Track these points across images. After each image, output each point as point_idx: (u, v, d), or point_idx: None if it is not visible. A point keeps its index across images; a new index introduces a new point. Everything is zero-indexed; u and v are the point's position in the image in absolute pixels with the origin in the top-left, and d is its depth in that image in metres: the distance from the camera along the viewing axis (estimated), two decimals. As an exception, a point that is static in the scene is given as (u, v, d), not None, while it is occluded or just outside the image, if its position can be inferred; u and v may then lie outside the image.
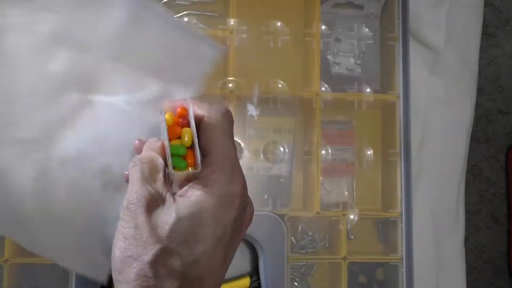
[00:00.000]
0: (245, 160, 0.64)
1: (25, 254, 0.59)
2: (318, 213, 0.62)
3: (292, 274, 0.63)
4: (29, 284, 0.57)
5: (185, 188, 0.35)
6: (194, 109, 0.36)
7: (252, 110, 0.64)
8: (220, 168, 0.35)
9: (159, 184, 0.35)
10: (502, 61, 1.50)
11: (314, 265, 0.65)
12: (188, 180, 0.36)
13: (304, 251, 0.65)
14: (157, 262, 0.32)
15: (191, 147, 0.36)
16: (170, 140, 0.35)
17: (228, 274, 0.45)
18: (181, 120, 0.36)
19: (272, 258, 0.60)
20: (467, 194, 0.74)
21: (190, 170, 0.35)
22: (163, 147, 0.38)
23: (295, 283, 0.64)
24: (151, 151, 0.37)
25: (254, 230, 0.59)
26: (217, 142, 0.36)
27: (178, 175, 0.35)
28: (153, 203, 0.34)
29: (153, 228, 0.33)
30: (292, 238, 0.63)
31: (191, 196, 0.34)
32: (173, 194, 0.35)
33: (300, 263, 0.64)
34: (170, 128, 0.35)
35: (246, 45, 0.63)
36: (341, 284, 0.62)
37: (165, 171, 0.37)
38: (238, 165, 0.37)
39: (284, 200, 0.65)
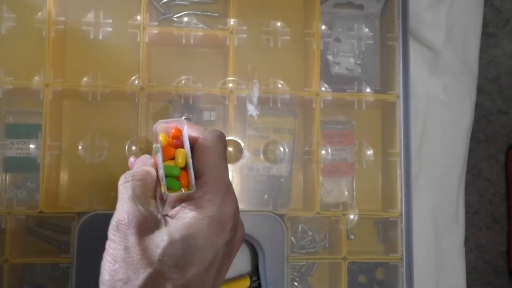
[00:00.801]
0: (245, 160, 0.64)
1: (25, 254, 0.59)
2: (318, 213, 0.62)
3: (292, 274, 0.63)
4: (29, 284, 0.57)
5: (177, 208, 0.34)
6: (188, 131, 0.36)
7: (252, 110, 0.64)
8: (214, 190, 0.35)
9: (151, 204, 0.34)
10: (502, 61, 1.50)
11: (314, 265, 0.65)
12: (180, 200, 0.35)
13: (304, 251, 0.65)
14: (148, 286, 0.31)
15: (185, 168, 0.35)
16: (164, 161, 0.34)
17: (228, 274, 0.45)
18: (175, 141, 0.35)
19: (272, 258, 0.60)
20: (467, 194, 0.74)
21: (184, 191, 0.34)
22: (156, 165, 0.37)
23: (295, 283, 0.64)
24: (143, 166, 0.36)
25: (254, 230, 0.59)
26: (211, 164, 0.35)
27: (172, 196, 0.34)
28: (145, 224, 0.33)
29: (144, 251, 0.32)
30: (292, 238, 0.63)
31: (184, 218, 0.33)
32: (165, 215, 0.34)
33: (300, 263, 0.64)
34: (164, 149, 0.35)
35: (246, 45, 0.63)
36: (341, 284, 0.62)
37: (156, 189, 0.36)
38: (231, 188, 0.36)
39: (284, 200, 0.65)
